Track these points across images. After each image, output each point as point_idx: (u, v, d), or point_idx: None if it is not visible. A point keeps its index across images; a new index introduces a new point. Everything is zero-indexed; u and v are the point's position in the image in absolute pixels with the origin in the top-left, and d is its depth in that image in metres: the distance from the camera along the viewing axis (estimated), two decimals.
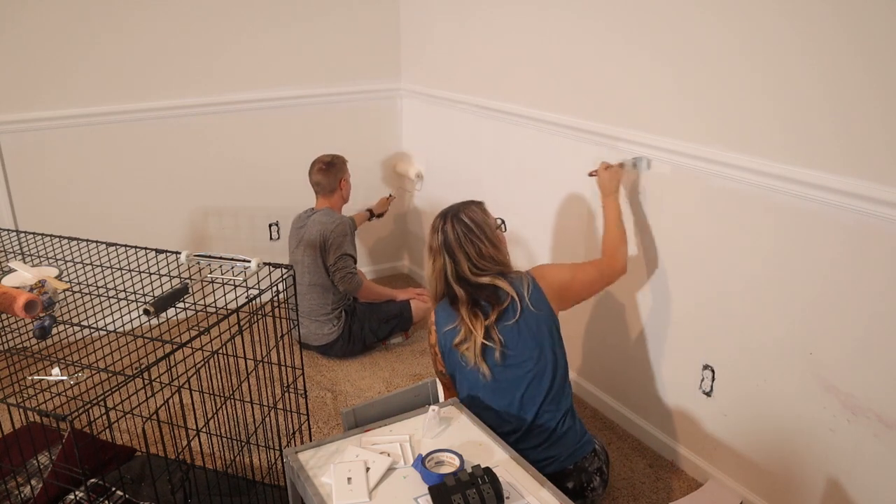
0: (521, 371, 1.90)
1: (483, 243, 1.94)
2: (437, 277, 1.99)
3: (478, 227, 1.95)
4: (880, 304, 1.64)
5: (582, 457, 1.93)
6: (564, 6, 2.42)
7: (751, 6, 1.79)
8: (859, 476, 1.76)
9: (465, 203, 2.01)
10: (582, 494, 1.92)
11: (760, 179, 1.84)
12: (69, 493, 1.91)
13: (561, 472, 1.90)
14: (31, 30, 2.82)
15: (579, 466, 1.92)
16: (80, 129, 3.01)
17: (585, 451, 1.94)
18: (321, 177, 3.04)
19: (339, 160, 3.08)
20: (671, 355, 2.27)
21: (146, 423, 1.58)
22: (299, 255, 2.99)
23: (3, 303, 1.50)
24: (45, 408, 1.38)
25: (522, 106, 2.72)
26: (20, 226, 3.00)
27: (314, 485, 1.57)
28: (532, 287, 1.94)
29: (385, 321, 3.07)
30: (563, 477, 1.90)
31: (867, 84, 1.58)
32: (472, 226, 1.95)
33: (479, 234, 1.95)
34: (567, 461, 1.91)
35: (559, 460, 1.90)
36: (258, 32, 3.22)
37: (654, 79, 2.12)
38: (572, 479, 1.91)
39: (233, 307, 1.63)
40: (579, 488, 1.91)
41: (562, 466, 1.90)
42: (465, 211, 1.97)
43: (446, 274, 1.96)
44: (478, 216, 1.97)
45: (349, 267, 2.97)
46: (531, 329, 1.91)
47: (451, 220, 1.96)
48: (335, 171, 3.05)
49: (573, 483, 1.91)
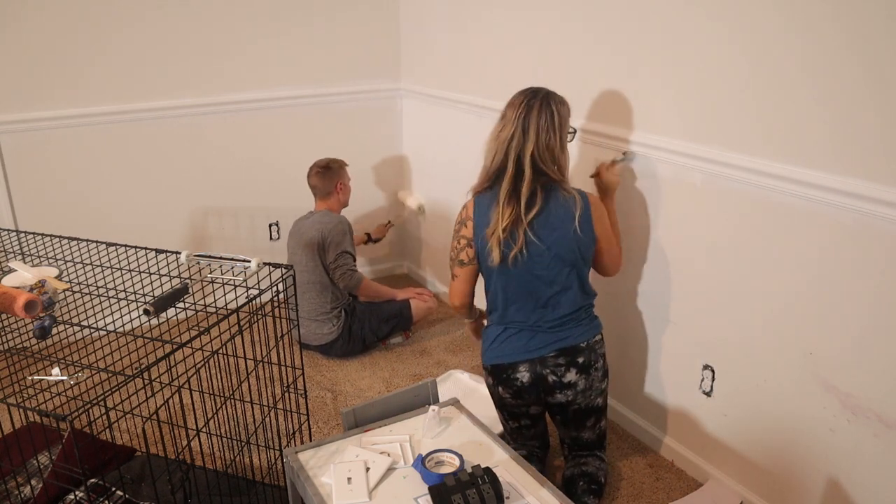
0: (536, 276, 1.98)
1: (555, 138, 1.93)
2: (499, 145, 1.96)
3: (560, 120, 1.94)
4: (880, 304, 1.64)
5: (593, 337, 2.05)
6: (565, 6, 2.42)
7: (750, 7, 1.79)
8: (859, 476, 1.76)
9: (556, 94, 1.98)
10: (587, 371, 2.03)
11: (760, 179, 1.84)
12: (69, 493, 1.91)
13: (575, 347, 2.01)
14: (32, 30, 2.82)
15: (590, 345, 2.03)
16: (80, 129, 3.01)
17: (595, 332, 2.06)
18: (318, 180, 3.05)
19: (336, 164, 3.08)
20: (671, 355, 2.27)
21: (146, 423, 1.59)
22: (298, 255, 2.99)
23: (3, 303, 1.50)
24: (45, 408, 1.38)
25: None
26: (20, 226, 3.00)
27: (314, 485, 1.57)
28: (584, 207, 1.96)
29: (385, 320, 3.07)
30: (577, 352, 2.01)
31: (865, 83, 1.58)
32: (555, 116, 1.93)
33: (556, 127, 1.93)
34: (580, 339, 2.02)
35: (572, 337, 2.02)
36: (258, 32, 3.23)
37: (655, 78, 2.12)
38: (583, 356, 2.02)
39: (233, 307, 1.63)
40: (586, 364, 2.03)
41: (575, 342, 2.01)
42: (556, 100, 1.95)
43: (510, 144, 1.94)
44: (563, 112, 1.96)
45: (349, 264, 2.98)
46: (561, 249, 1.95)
47: (542, 100, 1.93)
48: (331, 174, 3.05)
49: (583, 359, 2.02)
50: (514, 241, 1.94)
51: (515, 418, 2.16)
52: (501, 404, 2.15)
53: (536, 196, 1.93)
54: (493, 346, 2.08)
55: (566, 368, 2.00)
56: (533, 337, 2.01)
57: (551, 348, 2.00)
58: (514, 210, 1.92)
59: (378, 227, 3.65)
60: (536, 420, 2.18)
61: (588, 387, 2.04)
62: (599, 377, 2.06)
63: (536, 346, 2.01)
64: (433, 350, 3.11)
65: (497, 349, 2.06)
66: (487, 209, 1.98)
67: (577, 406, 2.06)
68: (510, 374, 2.04)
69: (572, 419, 2.09)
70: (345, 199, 3.13)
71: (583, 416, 2.08)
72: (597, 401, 2.08)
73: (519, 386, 2.04)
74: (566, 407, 2.06)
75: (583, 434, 2.12)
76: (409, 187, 3.76)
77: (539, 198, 1.93)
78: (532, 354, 2.01)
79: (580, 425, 2.10)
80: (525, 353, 2.02)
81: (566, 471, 2.15)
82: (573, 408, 2.06)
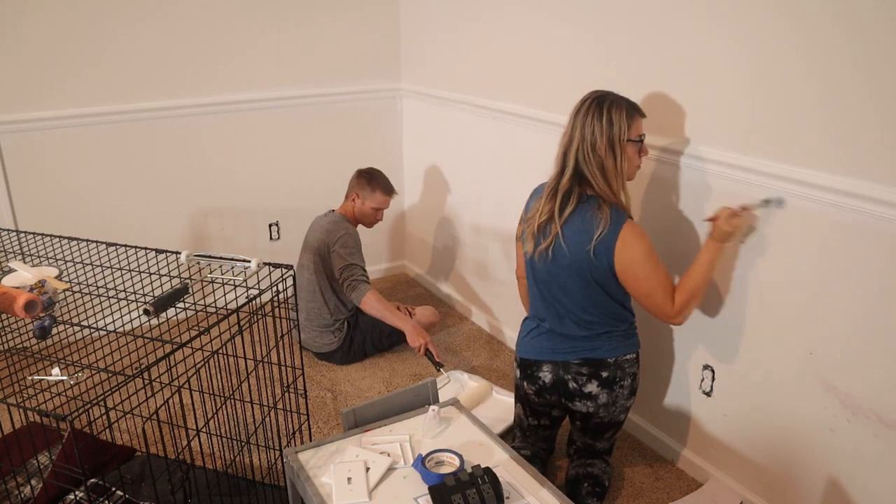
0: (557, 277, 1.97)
1: (601, 139, 1.84)
2: (560, 143, 1.94)
3: (608, 122, 1.84)
4: (880, 304, 1.64)
5: (624, 355, 1.99)
6: (565, 6, 2.42)
7: (750, 7, 1.79)
8: (859, 476, 1.76)
9: (621, 99, 1.88)
10: (611, 387, 1.98)
11: (760, 179, 1.84)
12: (69, 493, 1.91)
13: (601, 360, 1.97)
14: (32, 30, 2.82)
15: (618, 362, 1.98)
16: (80, 129, 3.01)
17: (628, 351, 2.00)
18: (351, 178, 3.02)
19: (365, 180, 2.97)
20: (671, 355, 2.27)
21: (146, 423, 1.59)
22: (304, 255, 2.98)
23: (3, 303, 1.50)
24: (45, 408, 1.38)
25: (524, 106, 2.72)
26: (20, 226, 3.00)
27: (314, 485, 1.56)
28: (607, 233, 1.85)
29: (387, 335, 3.01)
30: (602, 366, 1.97)
31: (865, 83, 1.58)
32: (604, 117, 1.84)
33: (604, 128, 1.84)
34: (608, 354, 1.97)
35: (600, 350, 1.97)
36: (258, 32, 3.23)
37: (655, 79, 2.12)
38: (608, 371, 1.97)
39: (233, 307, 1.63)
40: (611, 380, 1.98)
41: (602, 356, 1.97)
42: (612, 102, 1.86)
43: (563, 143, 1.93)
44: (617, 116, 1.84)
45: (355, 275, 2.88)
46: (577, 263, 1.91)
47: (594, 101, 1.87)
48: (354, 182, 3.01)
49: (608, 373, 1.97)
50: (545, 237, 1.94)
51: (536, 416, 2.16)
52: (525, 399, 2.14)
53: (571, 197, 1.90)
54: (525, 340, 2.09)
55: (588, 379, 1.97)
56: (563, 339, 2.00)
57: (577, 356, 1.98)
58: (552, 207, 1.92)
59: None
60: (555, 423, 2.18)
61: (612, 402, 2.00)
62: (625, 395, 2.01)
63: (563, 349, 2.00)
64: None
65: (528, 344, 2.07)
66: (535, 198, 2.03)
67: (599, 419, 2.03)
68: (534, 371, 2.04)
69: (592, 429, 2.07)
70: (359, 216, 3.02)
71: (603, 429, 2.07)
72: (620, 416, 2.06)
73: (541, 385, 2.04)
74: (588, 418, 2.04)
75: (598, 443, 2.12)
76: (409, 187, 3.75)
77: (573, 200, 1.90)
78: (557, 357, 2.00)
79: (598, 436, 2.09)
80: (551, 354, 2.01)
81: (570, 470, 2.15)
82: (595, 420, 2.04)
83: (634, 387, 2.03)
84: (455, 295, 3.50)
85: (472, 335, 3.25)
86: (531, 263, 2.01)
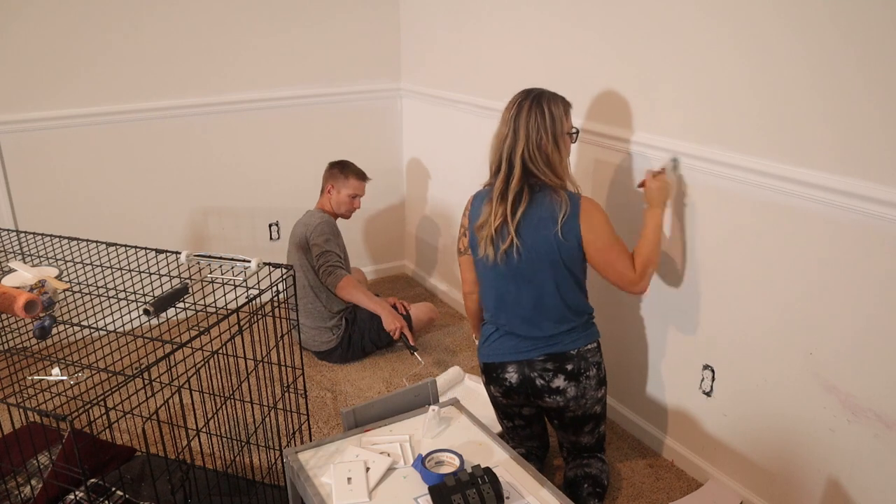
0: (521, 276, 1.97)
1: (546, 136, 1.91)
2: (495, 145, 2.00)
3: (551, 119, 1.91)
4: (881, 304, 1.64)
5: (585, 345, 2.01)
6: (565, 6, 2.42)
7: (750, 7, 1.79)
8: (859, 476, 1.76)
9: (555, 94, 1.96)
10: (577, 379, 2.00)
11: (761, 179, 1.84)
12: (69, 493, 1.91)
13: (564, 353, 1.99)
14: (32, 30, 2.82)
15: (581, 353, 2.00)
16: (80, 129, 3.01)
17: (589, 341, 2.02)
18: (324, 172, 3.05)
19: (337, 169, 3.03)
20: (671, 355, 2.27)
21: (146, 423, 1.59)
22: (293, 255, 2.99)
23: (3, 303, 1.50)
24: (45, 408, 1.38)
25: None
26: (20, 226, 3.00)
27: (314, 485, 1.57)
28: (570, 211, 1.92)
29: (386, 330, 3.02)
30: (566, 359, 1.99)
31: (867, 83, 1.57)
32: (546, 115, 1.91)
33: (547, 126, 1.91)
34: (570, 346, 1.99)
35: (561, 343, 1.99)
36: (259, 32, 3.22)
37: (656, 78, 2.12)
38: (572, 363, 1.99)
39: (233, 307, 1.63)
40: (576, 372, 1.99)
41: (565, 349, 1.99)
42: (549, 99, 1.94)
43: (504, 144, 1.96)
44: (557, 111, 1.93)
45: (330, 261, 2.91)
46: (542, 251, 1.94)
47: (533, 100, 1.93)
48: (327, 174, 3.05)
49: (572, 366, 1.99)
50: (503, 240, 1.95)
51: (509, 418, 2.17)
52: (495, 403, 2.16)
53: (523, 195, 1.93)
54: (486, 345, 2.09)
55: (554, 374, 1.99)
56: (523, 339, 2.01)
57: (540, 352, 1.99)
58: (504, 209, 1.94)
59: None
60: (530, 421, 2.18)
61: (580, 395, 2.01)
62: (593, 385, 2.02)
63: (526, 348, 2.01)
64: (433, 350, 3.10)
65: (489, 348, 2.07)
66: (481, 204, 2.02)
67: (572, 413, 2.04)
68: (499, 373, 2.04)
69: (569, 425, 2.09)
70: (336, 208, 3.05)
71: (580, 423, 2.08)
72: (594, 408, 2.07)
73: (508, 386, 2.04)
74: (561, 412, 2.05)
75: (581, 439, 2.12)
76: (409, 187, 3.75)
77: (525, 198, 1.93)
78: (521, 356, 2.01)
79: (578, 431, 2.10)
80: (514, 355, 2.02)
81: (568, 472, 2.15)
82: (568, 414, 2.05)
83: (601, 376, 2.05)
84: (454, 294, 3.50)
85: (471, 335, 3.25)
86: (492, 268, 2.00)
